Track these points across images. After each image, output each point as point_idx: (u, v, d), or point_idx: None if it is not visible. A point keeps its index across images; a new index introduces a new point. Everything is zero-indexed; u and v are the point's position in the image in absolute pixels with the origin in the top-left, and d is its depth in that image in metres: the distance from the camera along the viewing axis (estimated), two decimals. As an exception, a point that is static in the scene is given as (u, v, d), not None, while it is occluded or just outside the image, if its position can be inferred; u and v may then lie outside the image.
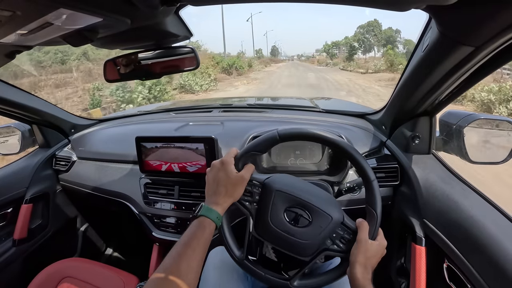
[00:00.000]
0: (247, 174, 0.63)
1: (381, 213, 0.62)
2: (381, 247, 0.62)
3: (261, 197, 0.66)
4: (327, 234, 0.63)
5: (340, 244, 0.63)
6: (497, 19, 0.44)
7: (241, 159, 0.65)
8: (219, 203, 0.60)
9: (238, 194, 0.63)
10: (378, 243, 0.61)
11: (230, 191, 0.61)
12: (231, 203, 0.63)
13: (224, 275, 0.78)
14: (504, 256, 0.58)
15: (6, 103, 1.03)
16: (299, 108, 1.45)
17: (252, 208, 0.66)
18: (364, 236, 0.60)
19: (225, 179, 0.62)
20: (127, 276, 0.99)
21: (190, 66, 0.77)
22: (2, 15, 0.40)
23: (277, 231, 0.64)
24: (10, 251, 1.15)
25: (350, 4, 0.46)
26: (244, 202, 0.66)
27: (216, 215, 0.59)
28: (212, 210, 0.59)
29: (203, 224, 0.57)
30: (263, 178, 0.67)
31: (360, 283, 0.56)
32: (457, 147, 0.81)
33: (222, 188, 0.61)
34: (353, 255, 0.59)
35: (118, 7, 0.47)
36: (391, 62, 24.90)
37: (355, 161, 0.64)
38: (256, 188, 0.66)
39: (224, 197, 0.61)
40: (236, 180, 0.62)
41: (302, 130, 0.65)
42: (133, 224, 1.14)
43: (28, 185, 1.22)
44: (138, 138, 1.02)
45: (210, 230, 0.57)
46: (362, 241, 0.59)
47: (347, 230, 0.63)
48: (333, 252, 0.63)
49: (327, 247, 0.63)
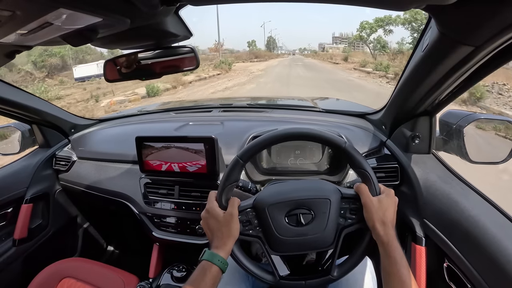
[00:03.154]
0: (233, 209, 0.64)
1: (371, 169, 0.62)
2: (390, 197, 0.61)
3: (259, 220, 0.66)
4: (335, 215, 0.63)
5: (352, 216, 0.63)
6: (497, 19, 0.44)
7: (222, 197, 0.65)
8: (219, 246, 0.61)
9: (235, 231, 0.63)
10: (384, 195, 0.61)
11: (226, 233, 0.62)
12: (233, 242, 0.63)
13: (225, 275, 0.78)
14: (504, 256, 0.58)
15: (6, 103, 1.03)
16: (299, 108, 1.45)
17: (258, 233, 0.66)
18: (367, 198, 0.60)
19: (216, 224, 0.63)
20: (127, 276, 0.99)
21: (190, 66, 0.77)
22: (2, 15, 0.40)
23: (289, 239, 0.64)
24: (10, 251, 1.15)
25: (350, 3, 0.46)
26: (247, 232, 0.66)
27: (218, 258, 0.59)
28: (213, 254, 0.60)
29: (204, 268, 0.58)
30: (251, 202, 0.67)
31: (384, 240, 0.57)
32: (457, 147, 0.81)
33: (218, 232, 0.62)
34: (368, 220, 0.60)
35: (117, 7, 0.47)
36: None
37: (319, 138, 0.64)
38: (250, 214, 0.66)
39: (223, 239, 0.62)
40: (226, 219, 0.62)
41: (256, 142, 0.66)
42: (133, 224, 1.14)
43: (28, 185, 1.22)
44: (138, 138, 1.02)
45: (212, 275, 0.57)
46: (368, 202, 0.60)
47: (351, 200, 0.64)
48: (351, 227, 0.63)
49: (343, 225, 0.63)
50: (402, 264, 0.55)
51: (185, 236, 1.04)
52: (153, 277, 1.11)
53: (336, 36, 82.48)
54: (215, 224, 0.63)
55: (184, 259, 1.11)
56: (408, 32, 23.84)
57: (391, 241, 0.57)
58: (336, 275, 0.64)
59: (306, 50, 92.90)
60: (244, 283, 0.78)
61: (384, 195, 0.61)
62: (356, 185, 0.64)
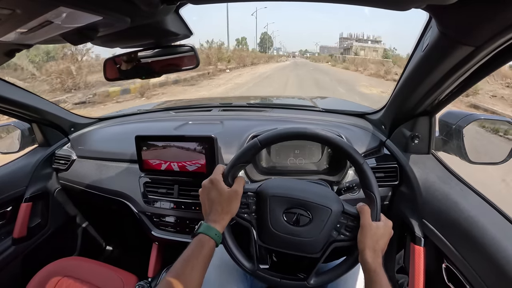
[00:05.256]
0: (239, 187, 0.63)
1: (379, 194, 0.62)
2: (387, 228, 0.61)
3: (257, 206, 0.66)
4: (331, 226, 0.63)
5: (346, 233, 0.63)
6: (497, 19, 0.44)
7: (229, 174, 0.65)
8: (217, 220, 0.60)
9: (234, 209, 0.63)
10: (383, 224, 0.61)
11: (226, 208, 0.61)
12: (229, 219, 0.63)
13: (224, 274, 0.78)
14: (503, 257, 0.58)
15: (5, 102, 1.03)
16: (299, 107, 1.45)
17: (252, 219, 0.66)
18: (367, 221, 0.60)
19: (218, 197, 0.62)
20: (126, 275, 0.99)
21: (190, 64, 0.77)
22: (2, 13, 0.40)
23: (280, 235, 0.64)
24: (9, 249, 1.15)
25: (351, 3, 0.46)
26: (242, 215, 0.66)
27: (215, 232, 0.59)
28: (210, 227, 0.59)
29: (201, 241, 0.57)
30: (256, 187, 0.67)
31: (371, 267, 0.56)
32: (456, 147, 0.81)
33: (217, 206, 0.61)
34: (360, 241, 0.59)
35: (118, 6, 0.47)
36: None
37: (341, 149, 0.64)
38: (251, 198, 0.66)
39: (221, 215, 0.61)
40: (229, 195, 0.62)
41: (281, 131, 0.65)
42: (132, 223, 1.14)
43: (28, 183, 1.22)
44: (137, 137, 1.01)
45: (209, 247, 0.57)
46: (366, 226, 0.59)
47: (350, 218, 0.63)
48: (341, 242, 0.63)
49: (334, 239, 0.63)
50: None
51: (184, 236, 1.04)
52: (152, 276, 1.12)
53: (345, 37, 74.33)
54: (217, 197, 0.62)
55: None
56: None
57: (378, 268, 0.56)
58: (312, 283, 0.64)
59: (308, 52, 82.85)
60: (242, 283, 0.78)
61: (382, 223, 0.61)
62: (359, 205, 0.63)
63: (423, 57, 0.64)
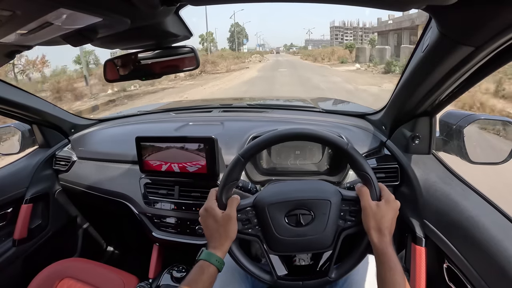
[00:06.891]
0: (232, 210, 0.63)
1: (373, 172, 0.62)
2: (389, 206, 0.60)
3: (258, 219, 0.66)
4: (335, 217, 0.63)
5: (352, 218, 0.63)
6: (497, 19, 0.44)
7: (222, 196, 0.65)
8: (217, 247, 0.62)
9: (232, 233, 0.63)
10: (383, 202, 0.60)
11: (224, 234, 0.62)
12: (230, 243, 0.63)
13: (225, 275, 0.78)
14: (504, 257, 0.58)
15: (6, 103, 1.03)
16: (299, 108, 1.45)
17: (257, 232, 0.66)
18: (366, 202, 0.60)
19: (214, 224, 0.63)
20: (127, 276, 0.99)
21: (190, 66, 0.77)
22: (2, 15, 0.40)
23: (288, 239, 0.64)
24: (10, 251, 1.15)
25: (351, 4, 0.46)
26: (246, 231, 0.66)
27: (216, 258, 0.60)
28: (211, 254, 0.60)
29: (202, 268, 0.59)
30: (251, 201, 0.67)
31: (378, 247, 0.56)
32: (457, 147, 0.81)
33: (215, 233, 0.63)
34: (364, 223, 0.59)
35: (117, 7, 0.47)
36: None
37: (320, 139, 0.64)
38: (250, 213, 0.66)
39: (220, 241, 0.62)
40: (224, 220, 0.62)
41: (258, 141, 0.65)
42: (133, 224, 1.14)
43: (28, 185, 1.22)
44: (138, 138, 1.02)
45: (209, 274, 0.58)
46: (367, 207, 0.59)
47: (351, 202, 0.64)
48: (350, 229, 0.63)
49: (342, 227, 0.63)
50: (397, 270, 0.55)
51: (185, 237, 1.04)
52: (152, 277, 1.11)
53: (337, 26, 65.77)
54: (213, 224, 0.63)
55: (184, 259, 1.10)
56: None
57: (385, 248, 0.56)
58: (334, 276, 0.64)
59: (294, 47, 71.64)
60: (244, 283, 0.78)
61: (383, 201, 0.61)
62: (357, 187, 0.63)
63: (423, 57, 0.64)
